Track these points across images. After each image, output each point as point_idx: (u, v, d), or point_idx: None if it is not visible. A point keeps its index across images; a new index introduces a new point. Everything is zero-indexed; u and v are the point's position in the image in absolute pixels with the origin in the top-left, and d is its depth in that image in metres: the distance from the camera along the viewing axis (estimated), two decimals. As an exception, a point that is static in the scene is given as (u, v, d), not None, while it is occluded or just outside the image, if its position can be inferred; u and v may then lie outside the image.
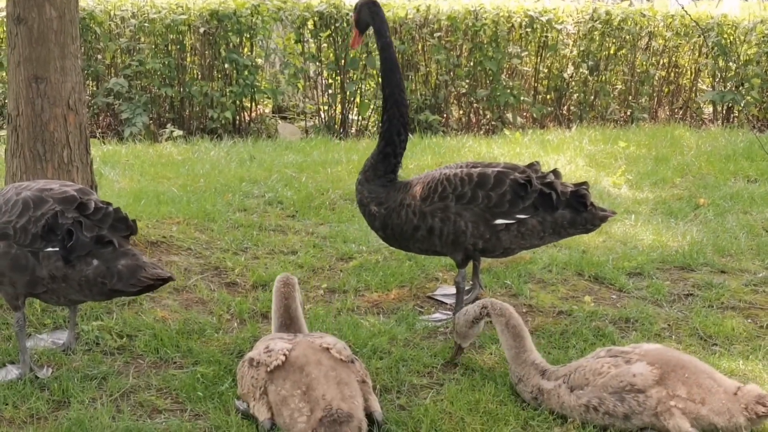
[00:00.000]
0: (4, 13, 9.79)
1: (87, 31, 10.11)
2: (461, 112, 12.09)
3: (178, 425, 3.57)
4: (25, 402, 3.70)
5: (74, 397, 3.75)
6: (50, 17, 5.21)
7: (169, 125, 10.74)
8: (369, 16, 4.97)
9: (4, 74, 10.07)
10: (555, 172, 4.71)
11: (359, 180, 4.94)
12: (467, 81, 11.88)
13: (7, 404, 3.68)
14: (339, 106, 11.76)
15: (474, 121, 12.03)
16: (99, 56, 10.61)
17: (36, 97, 5.24)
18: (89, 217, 3.84)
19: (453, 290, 5.00)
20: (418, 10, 11.67)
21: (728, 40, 12.51)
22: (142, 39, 10.77)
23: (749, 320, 4.94)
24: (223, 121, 10.95)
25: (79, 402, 3.71)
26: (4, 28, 9.80)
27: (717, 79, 12.78)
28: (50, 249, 3.79)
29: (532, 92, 12.21)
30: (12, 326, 4.30)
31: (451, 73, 11.79)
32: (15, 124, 5.32)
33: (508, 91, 11.81)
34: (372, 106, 11.71)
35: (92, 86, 10.64)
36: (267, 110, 11.89)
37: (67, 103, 5.32)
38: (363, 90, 11.69)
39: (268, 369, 3.58)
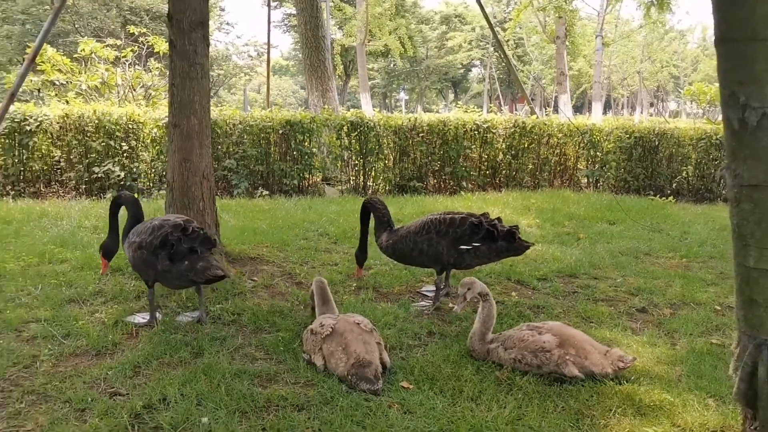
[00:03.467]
0: (166, 120, 9.95)
1: (213, 131, 10.17)
2: (435, 181, 12.13)
3: (269, 367, 3.56)
4: (176, 353, 3.70)
5: (206, 350, 3.75)
6: (193, 124, 5.29)
7: (260, 188, 10.78)
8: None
9: (163, 157, 10.16)
10: (499, 219, 4.72)
11: (375, 233, 5.05)
12: (439, 162, 11.93)
13: (165, 354, 3.68)
14: (362, 177, 11.80)
15: (443, 186, 12.06)
16: (219, 146, 10.70)
17: (184, 170, 5.30)
18: (188, 236, 3.94)
19: (433, 288, 5.00)
20: (410, 120, 11.78)
21: (596, 139, 12.58)
22: (245, 137, 10.87)
23: (612, 308, 4.93)
24: (292, 186, 10.97)
25: (209, 353, 3.70)
26: (166, 130, 9.93)
27: (589, 162, 12.84)
28: (163, 253, 3.91)
29: (477, 169, 12.26)
30: (147, 296, 4.40)
31: (429, 158, 11.84)
32: (171, 186, 5.37)
33: (464, 168, 11.85)
34: (381, 177, 11.77)
35: (215, 164, 10.69)
36: (318, 179, 11.94)
37: (202, 174, 5.38)
38: (376, 168, 11.75)
39: (322, 336, 3.59)
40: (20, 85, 7.20)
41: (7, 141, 9.89)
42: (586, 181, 12.97)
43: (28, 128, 9.87)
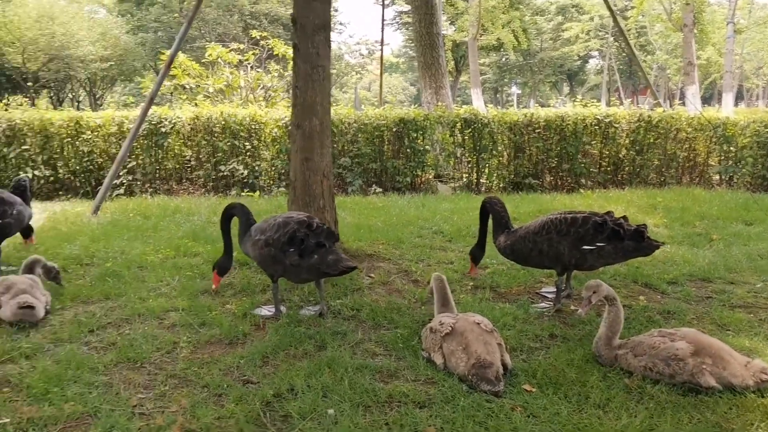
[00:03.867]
0: (285, 120, 10.35)
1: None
2: (551, 178, 11.80)
3: (389, 363, 3.62)
4: (300, 345, 3.85)
5: (329, 344, 3.87)
6: (314, 125, 5.47)
7: (374, 185, 10.98)
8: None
9: (283, 155, 10.59)
10: (624, 217, 4.52)
11: (493, 234, 4.91)
12: (556, 159, 11.60)
13: (291, 346, 3.84)
14: (475, 174, 11.70)
15: (560, 184, 11.71)
16: (335, 145, 11.00)
17: (306, 169, 5.50)
18: (313, 231, 4.11)
19: (553, 289, 4.87)
20: (525, 116, 11.53)
21: (730, 133, 11.71)
22: (359, 135, 11.10)
23: (751, 315, 4.57)
24: (405, 183, 11.10)
25: (332, 347, 3.82)
26: (285, 130, 10.32)
27: (722, 158, 11.97)
28: (291, 249, 4.08)
29: (598, 166, 11.79)
30: (271, 290, 4.63)
31: (546, 154, 11.54)
32: (293, 185, 5.59)
33: (582, 165, 11.44)
34: (495, 174, 11.61)
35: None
36: (431, 177, 11.98)
37: (322, 173, 5.55)
38: (489, 165, 11.61)
39: (442, 334, 3.60)
40: (158, 90, 7.79)
41: (145, 142, 10.74)
42: (718, 178, 12.11)
43: (163, 130, 10.66)
